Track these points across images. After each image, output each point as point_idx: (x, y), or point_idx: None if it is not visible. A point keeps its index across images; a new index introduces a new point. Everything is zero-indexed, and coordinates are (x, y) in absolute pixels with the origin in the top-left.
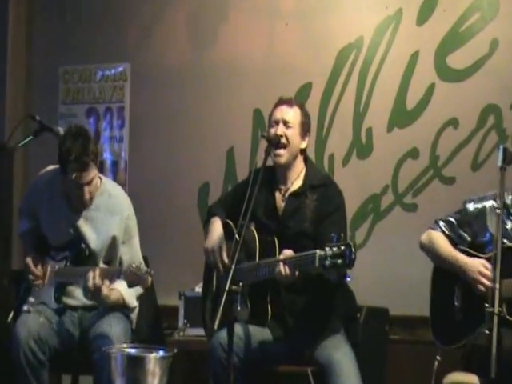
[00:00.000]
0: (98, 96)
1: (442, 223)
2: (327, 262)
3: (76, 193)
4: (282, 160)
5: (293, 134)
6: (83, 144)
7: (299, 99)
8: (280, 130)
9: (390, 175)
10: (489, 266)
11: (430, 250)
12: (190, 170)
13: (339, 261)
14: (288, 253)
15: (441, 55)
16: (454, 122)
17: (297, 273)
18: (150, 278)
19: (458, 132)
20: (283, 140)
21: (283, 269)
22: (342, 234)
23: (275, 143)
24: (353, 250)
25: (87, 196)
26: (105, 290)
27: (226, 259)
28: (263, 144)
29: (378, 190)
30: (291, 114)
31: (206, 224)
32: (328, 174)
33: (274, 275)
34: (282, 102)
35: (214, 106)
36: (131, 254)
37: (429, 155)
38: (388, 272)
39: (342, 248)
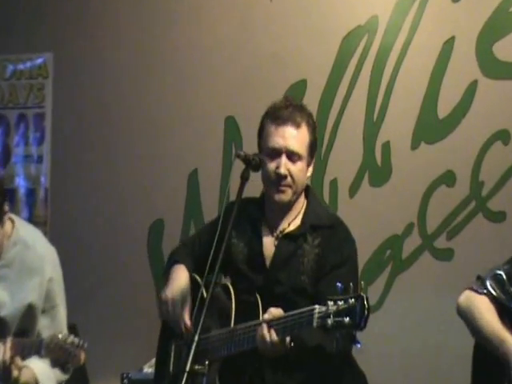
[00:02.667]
0: (8, 98)
1: (488, 282)
2: (330, 322)
3: None
4: (286, 198)
5: (301, 169)
6: None
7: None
8: (284, 166)
9: (415, 209)
10: None
11: (468, 320)
12: (136, 202)
13: (346, 319)
14: (275, 312)
15: (485, 43)
16: (504, 135)
17: (288, 339)
18: (82, 354)
19: (509, 149)
20: (288, 180)
21: (268, 333)
22: (351, 284)
23: (255, 163)
24: (366, 304)
25: None
26: (15, 372)
27: (188, 321)
28: (239, 165)
29: (399, 229)
30: (300, 141)
31: (166, 273)
32: (335, 214)
33: (255, 344)
34: (284, 116)
35: (171, 112)
36: (54, 327)
37: (469, 181)
38: (413, 344)
39: (351, 301)
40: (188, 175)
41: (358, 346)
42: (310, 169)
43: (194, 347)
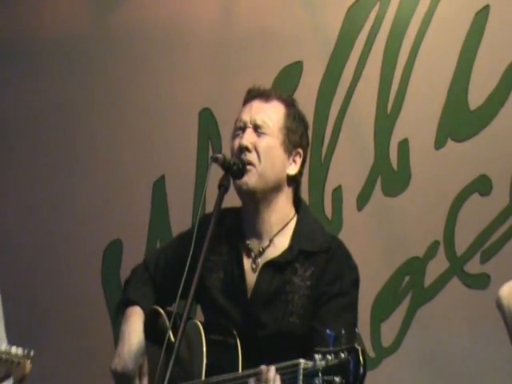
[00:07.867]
0: None
1: None
2: (317, 382)
3: None
4: (250, 182)
5: (268, 145)
6: None
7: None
8: (247, 138)
9: (441, 224)
10: None
11: (507, 320)
12: (88, 219)
13: (337, 379)
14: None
15: None
16: None
17: None
18: (28, 363)
19: None
20: (251, 156)
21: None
22: (343, 332)
23: (237, 169)
24: (361, 359)
25: None
26: None
27: None
28: (217, 172)
29: (420, 250)
30: (267, 114)
31: (119, 316)
32: (331, 234)
33: None
34: (253, 94)
35: (130, 105)
36: None
37: (509, 189)
38: None
39: (343, 356)
40: (153, 184)
41: None
42: (295, 166)
43: None
